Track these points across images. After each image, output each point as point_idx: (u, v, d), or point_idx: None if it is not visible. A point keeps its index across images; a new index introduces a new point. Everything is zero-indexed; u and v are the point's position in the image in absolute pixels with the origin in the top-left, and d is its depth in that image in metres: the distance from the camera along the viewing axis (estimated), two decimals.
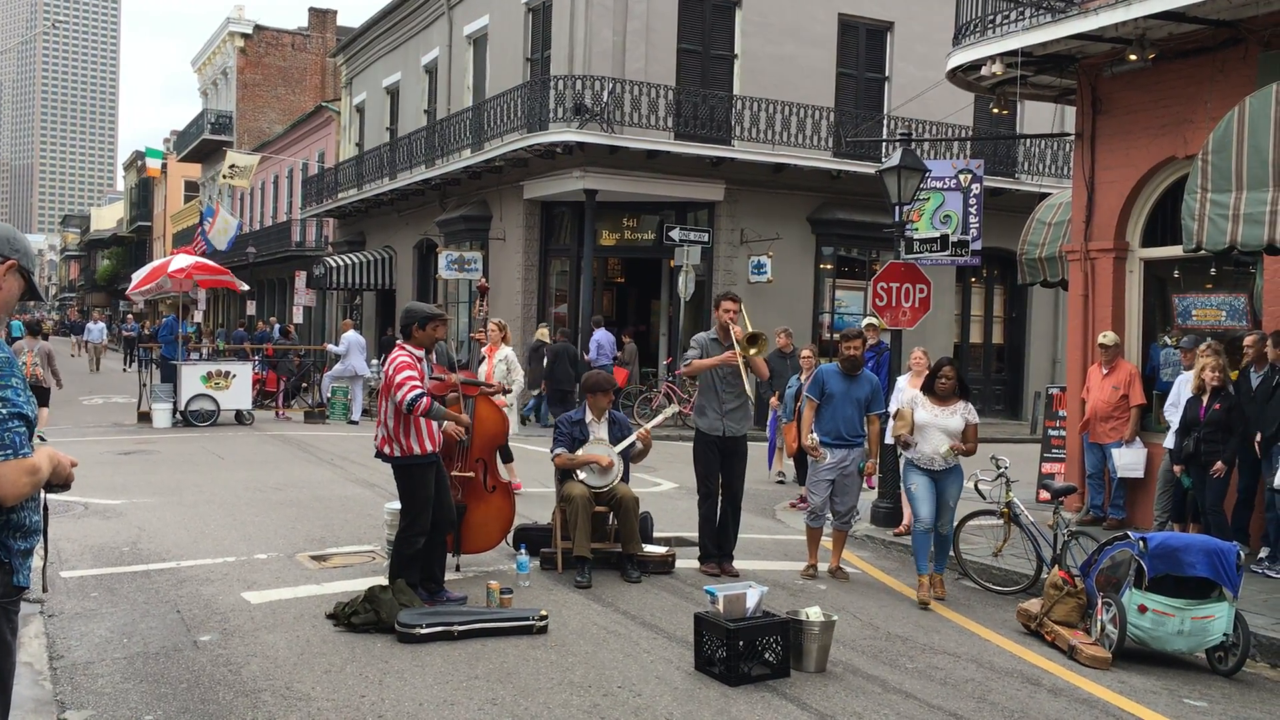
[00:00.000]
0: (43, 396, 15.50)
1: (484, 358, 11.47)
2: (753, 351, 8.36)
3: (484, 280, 20.95)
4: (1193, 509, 9.50)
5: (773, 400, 13.53)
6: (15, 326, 28.56)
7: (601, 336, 19.76)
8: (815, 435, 8.53)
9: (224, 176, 31.98)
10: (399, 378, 6.87)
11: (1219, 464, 8.91)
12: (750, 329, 8.46)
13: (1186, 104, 10.17)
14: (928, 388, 8.22)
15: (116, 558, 8.27)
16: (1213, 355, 9.14)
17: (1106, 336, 10.60)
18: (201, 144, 49.81)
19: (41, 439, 3.12)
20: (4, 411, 2.94)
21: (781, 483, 13.68)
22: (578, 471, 8.20)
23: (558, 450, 8.33)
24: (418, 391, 6.80)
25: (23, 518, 3.06)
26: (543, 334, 19.42)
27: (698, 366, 8.39)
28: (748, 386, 8.41)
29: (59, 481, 3.16)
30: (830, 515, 8.75)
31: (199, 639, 6.23)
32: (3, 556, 3.02)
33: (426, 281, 27.71)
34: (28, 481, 2.98)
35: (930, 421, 8.07)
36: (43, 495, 3.17)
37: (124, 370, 35.36)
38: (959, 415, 8.11)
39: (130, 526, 9.47)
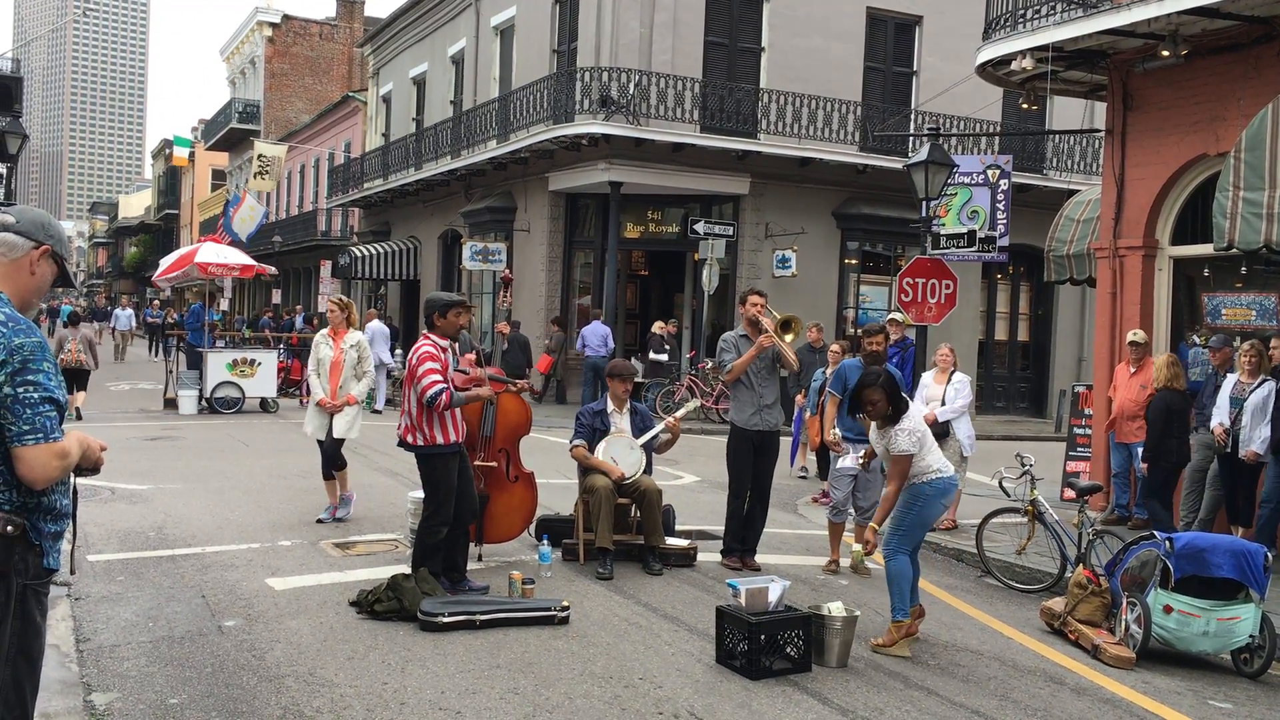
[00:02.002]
0: (81, 380, 17.10)
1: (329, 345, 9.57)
2: (788, 338, 8.37)
3: (508, 271, 21.06)
4: (1229, 510, 9.48)
5: (798, 397, 13.49)
6: (65, 310, 29.33)
7: (589, 330, 19.76)
8: (838, 430, 8.51)
9: (254, 175, 32.18)
10: (421, 369, 6.89)
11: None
12: (780, 316, 8.47)
13: (1219, 101, 10.06)
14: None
15: (143, 542, 8.34)
16: (1162, 356, 9.60)
17: (1137, 334, 10.51)
18: (229, 133, 50.11)
19: (79, 415, 3.16)
20: (35, 396, 2.97)
21: (804, 478, 13.65)
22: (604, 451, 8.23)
23: (577, 442, 8.34)
24: (438, 388, 6.81)
25: (53, 501, 3.10)
26: (658, 328, 20.11)
27: (738, 367, 8.33)
28: (790, 360, 8.41)
29: (89, 465, 3.18)
30: (853, 511, 8.73)
31: (223, 624, 6.28)
32: (33, 539, 3.05)
33: (451, 272, 27.79)
34: (58, 465, 3.01)
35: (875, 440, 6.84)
36: (72, 479, 3.20)
37: (150, 358, 35.38)
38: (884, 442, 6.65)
39: (156, 512, 9.55)
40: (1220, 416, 9.35)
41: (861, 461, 7.54)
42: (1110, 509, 10.91)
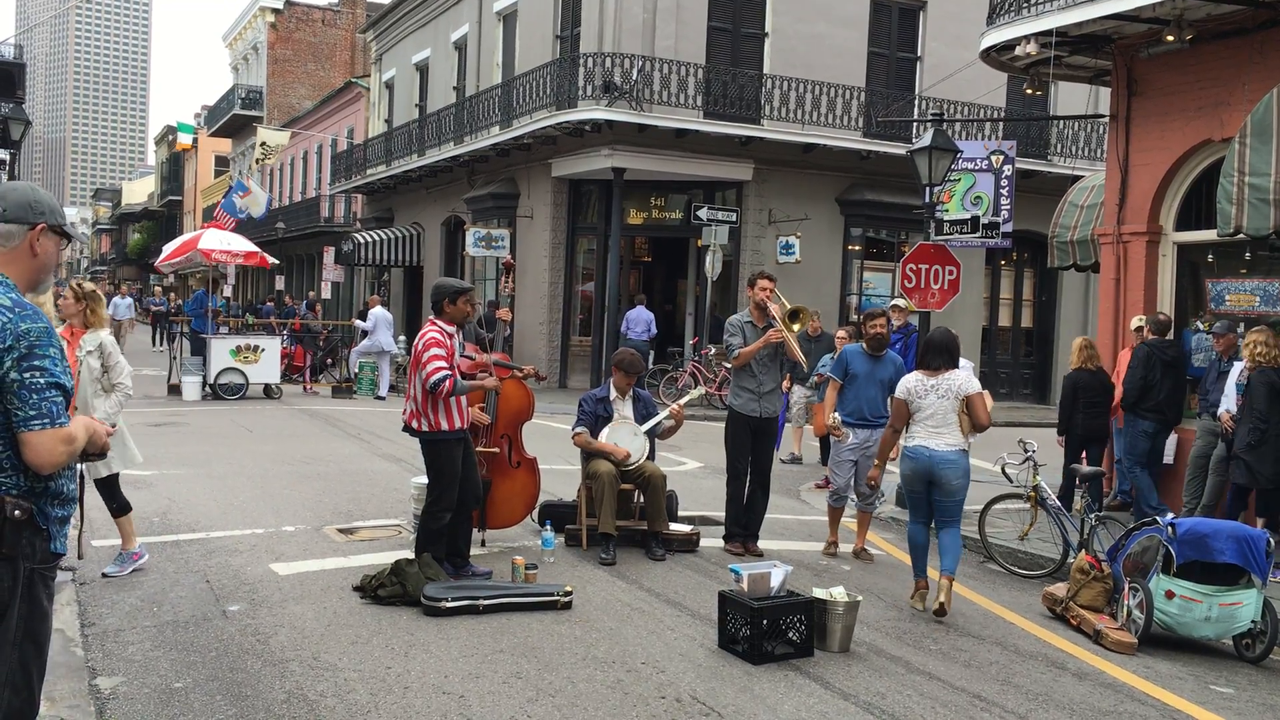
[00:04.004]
0: None
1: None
2: (796, 327, 8.38)
3: (510, 257, 21.10)
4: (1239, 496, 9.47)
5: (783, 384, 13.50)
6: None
7: (634, 314, 20.04)
8: (838, 415, 8.52)
9: (258, 160, 32.15)
10: (426, 355, 6.89)
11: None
12: (789, 305, 8.47)
13: (1224, 86, 10.03)
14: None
15: (147, 528, 8.35)
16: (1077, 339, 10.56)
17: (1141, 320, 10.50)
18: (232, 119, 50.04)
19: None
20: (41, 381, 2.97)
21: (798, 463, 13.63)
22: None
23: (578, 430, 8.35)
24: (441, 374, 6.81)
25: (60, 485, 3.10)
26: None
27: (746, 355, 8.35)
28: (798, 354, 8.41)
29: (94, 450, 3.19)
30: (854, 496, 8.74)
31: (228, 609, 6.30)
32: (40, 523, 3.05)
33: (454, 258, 27.78)
34: (64, 450, 3.01)
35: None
36: (79, 464, 3.20)
37: (153, 349, 34.10)
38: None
39: (160, 497, 9.58)
40: (1228, 404, 9.31)
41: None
42: (1113, 495, 10.92)
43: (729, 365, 8.66)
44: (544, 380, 9.59)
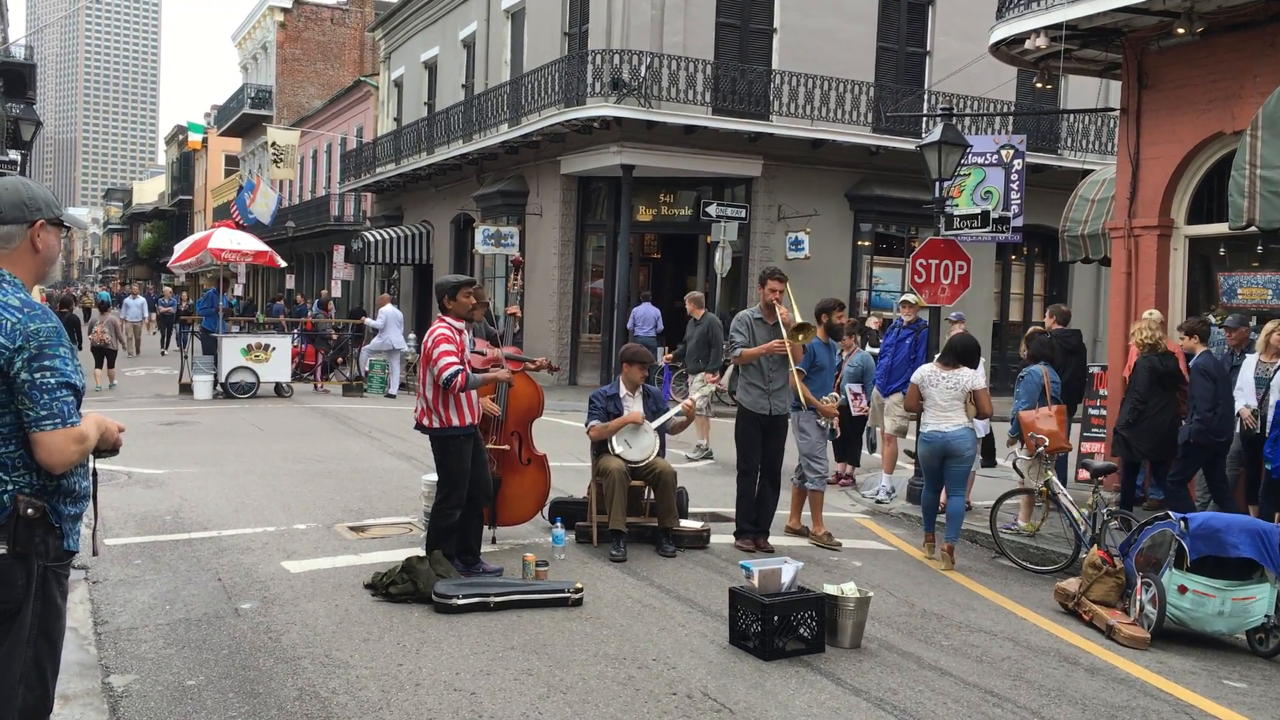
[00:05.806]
0: (110, 357, 20.19)
1: None
2: (800, 338, 8.38)
3: (518, 255, 21.18)
4: (1250, 490, 9.41)
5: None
6: (103, 295, 30.31)
7: (640, 311, 20.05)
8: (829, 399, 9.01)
9: (271, 163, 32.19)
10: (436, 352, 6.89)
11: None
12: (799, 317, 8.43)
13: (1235, 79, 9.98)
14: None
15: (159, 526, 8.39)
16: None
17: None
18: (241, 118, 50.15)
19: (112, 385, 3.14)
20: (52, 381, 2.97)
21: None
22: (613, 446, 8.21)
23: (591, 423, 8.36)
24: (453, 369, 6.81)
25: (72, 483, 3.11)
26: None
27: (748, 356, 8.38)
28: (794, 373, 8.42)
29: (107, 447, 3.20)
30: (809, 475, 8.86)
31: (240, 607, 6.32)
32: (53, 521, 3.06)
33: (463, 256, 27.82)
34: (76, 449, 3.02)
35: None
36: (92, 461, 3.21)
37: (162, 353, 32.27)
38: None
39: (172, 496, 9.61)
40: (1246, 398, 9.20)
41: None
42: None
43: (734, 363, 8.69)
44: (557, 371, 9.56)
